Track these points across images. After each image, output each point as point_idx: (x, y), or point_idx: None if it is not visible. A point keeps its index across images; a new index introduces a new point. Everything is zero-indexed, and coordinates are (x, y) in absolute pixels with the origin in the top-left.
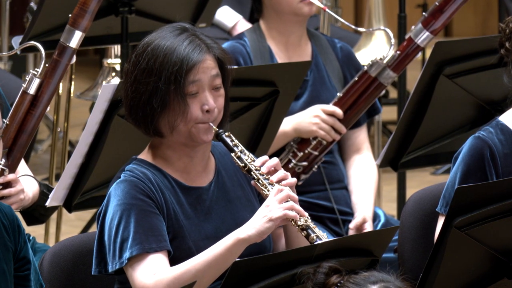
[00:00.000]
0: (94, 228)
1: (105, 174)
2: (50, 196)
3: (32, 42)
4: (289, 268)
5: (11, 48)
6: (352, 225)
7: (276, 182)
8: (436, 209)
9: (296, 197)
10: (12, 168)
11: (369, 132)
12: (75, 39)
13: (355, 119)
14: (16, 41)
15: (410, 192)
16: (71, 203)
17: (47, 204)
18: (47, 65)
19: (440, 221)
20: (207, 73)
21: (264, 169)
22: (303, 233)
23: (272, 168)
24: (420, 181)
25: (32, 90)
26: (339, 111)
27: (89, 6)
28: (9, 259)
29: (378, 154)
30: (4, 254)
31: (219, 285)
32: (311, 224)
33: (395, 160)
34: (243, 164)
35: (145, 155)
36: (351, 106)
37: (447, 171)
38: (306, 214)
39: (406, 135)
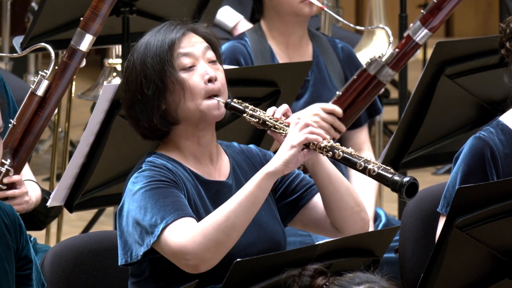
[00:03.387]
0: (95, 228)
1: (106, 174)
2: (51, 196)
3: (43, 44)
4: (290, 268)
5: (12, 48)
6: None
7: None
8: (437, 210)
9: (315, 125)
10: (18, 169)
11: (370, 132)
12: (86, 43)
13: (355, 117)
14: (17, 41)
15: None
16: (72, 203)
17: (48, 204)
18: (56, 67)
19: (441, 221)
20: (196, 46)
21: (278, 115)
22: (328, 154)
23: (283, 116)
24: (421, 181)
25: (40, 92)
26: (338, 110)
27: (101, 10)
28: (11, 258)
29: (379, 154)
30: (6, 253)
31: (220, 285)
32: (335, 144)
33: (396, 160)
34: (257, 120)
35: (161, 150)
36: (350, 104)
37: (448, 171)
38: (328, 136)
39: (407, 135)
